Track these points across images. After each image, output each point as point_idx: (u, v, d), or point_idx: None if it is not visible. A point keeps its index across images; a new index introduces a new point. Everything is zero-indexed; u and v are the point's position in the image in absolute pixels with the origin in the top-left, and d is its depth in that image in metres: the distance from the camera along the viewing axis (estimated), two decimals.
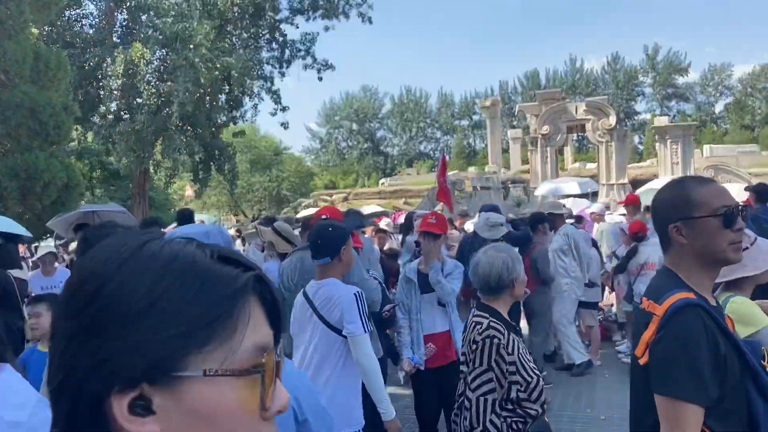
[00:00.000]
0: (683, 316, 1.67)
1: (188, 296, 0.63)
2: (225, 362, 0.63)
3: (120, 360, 0.61)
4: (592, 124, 23.54)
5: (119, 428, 0.62)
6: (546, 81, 57.79)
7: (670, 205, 1.87)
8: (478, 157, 52.95)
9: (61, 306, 0.66)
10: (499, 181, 27.59)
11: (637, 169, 30.22)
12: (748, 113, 53.32)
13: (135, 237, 0.68)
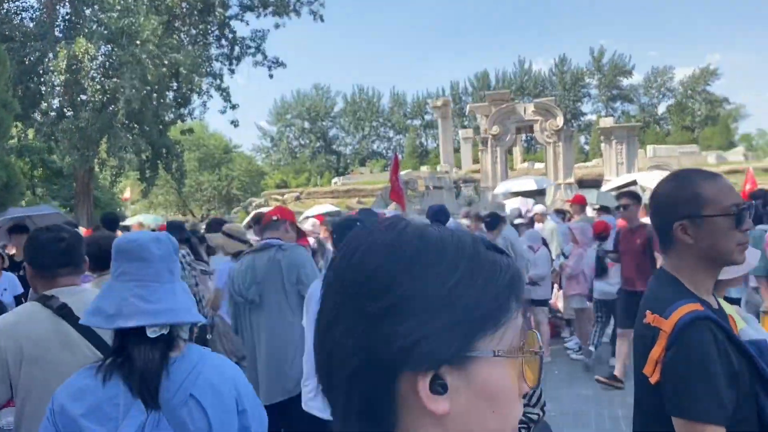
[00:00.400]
0: (693, 332, 1.56)
1: (479, 284, 0.68)
2: (507, 344, 0.69)
3: (427, 344, 0.65)
4: (540, 124, 24.02)
5: (410, 405, 0.67)
6: (495, 82, 58.70)
7: (676, 201, 1.71)
8: (431, 157, 53.38)
9: (345, 298, 0.69)
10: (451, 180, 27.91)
11: (584, 168, 31.03)
12: (688, 115, 55.39)
13: (406, 224, 0.73)
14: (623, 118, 50.18)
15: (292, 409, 3.56)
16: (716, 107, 54.88)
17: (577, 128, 51.97)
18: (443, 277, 0.67)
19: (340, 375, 0.70)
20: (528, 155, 43.50)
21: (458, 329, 0.66)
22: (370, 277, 0.68)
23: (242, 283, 3.76)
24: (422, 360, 0.66)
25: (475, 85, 60.18)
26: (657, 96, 59.02)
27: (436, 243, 0.70)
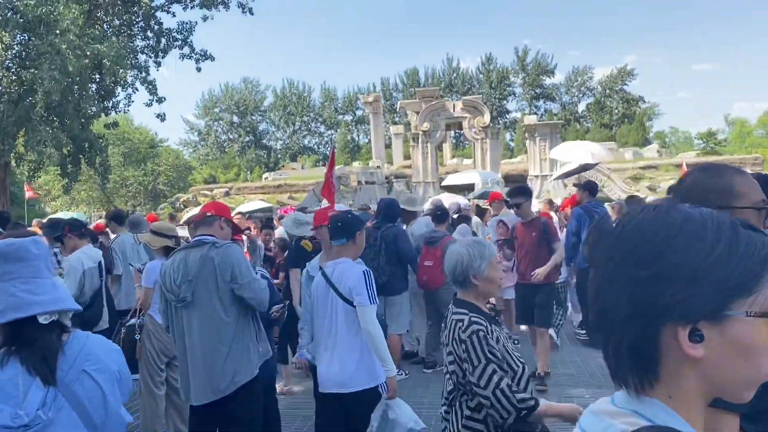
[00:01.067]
0: None
1: (736, 258, 0.84)
2: (759, 307, 0.84)
3: (690, 304, 0.83)
4: (468, 121, 24.64)
5: (671, 350, 0.85)
6: (425, 79, 59.49)
7: (710, 192, 1.75)
8: (362, 152, 53.57)
9: (616, 266, 0.88)
10: (383, 175, 28.17)
11: (509, 164, 31.97)
12: (606, 113, 57.94)
13: (670, 206, 0.90)
14: (546, 116, 52.06)
15: (225, 409, 3.54)
16: (632, 106, 57.68)
17: (503, 125, 53.42)
18: (705, 251, 0.84)
19: (613, 327, 0.88)
20: (457, 151, 44.39)
21: (715, 293, 0.83)
22: (640, 249, 0.86)
23: (173, 281, 3.60)
24: (683, 315, 0.84)
25: (405, 82, 60.80)
26: (577, 95, 61.46)
27: (698, 222, 0.86)
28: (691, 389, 0.87)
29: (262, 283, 3.66)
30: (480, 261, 2.72)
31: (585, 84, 60.66)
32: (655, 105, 61.01)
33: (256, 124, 64.76)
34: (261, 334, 3.74)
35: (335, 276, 3.69)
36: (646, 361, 0.87)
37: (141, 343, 5.07)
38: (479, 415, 2.56)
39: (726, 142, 52.27)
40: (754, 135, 55.09)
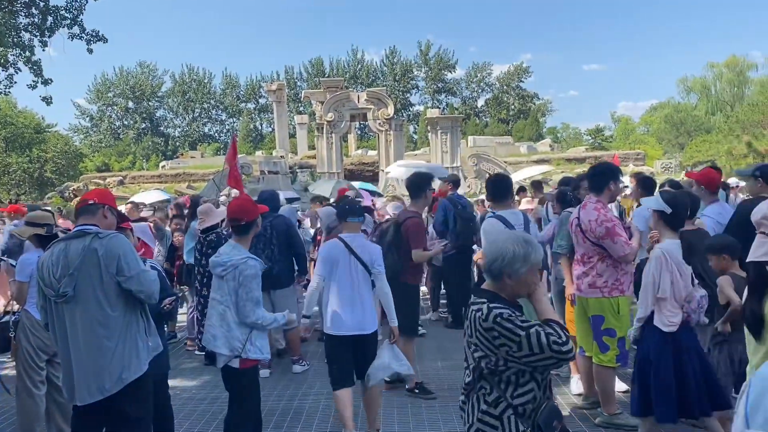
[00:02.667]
0: None
1: None
2: None
3: None
4: (372, 113, 24.85)
5: None
6: (330, 69, 59.30)
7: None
8: (266, 141, 52.68)
9: None
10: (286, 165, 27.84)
11: (413, 156, 32.52)
12: (504, 108, 60.19)
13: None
14: (448, 110, 53.29)
15: (112, 408, 3.39)
16: (528, 102, 60.29)
17: (407, 118, 54.26)
18: None
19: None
20: (362, 142, 44.62)
21: None
22: None
23: (52, 275, 3.34)
24: None
25: (309, 71, 60.31)
26: (477, 90, 63.43)
27: None
28: None
29: (152, 275, 3.48)
30: (522, 264, 2.57)
31: (484, 80, 62.70)
32: (549, 102, 64.10)
33: (153, 110, 62.07)
34: (150, 328, 3.58)
35: (355, 246, 4.64)
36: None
37: (16, 341, 4.73)
38: (495, 410, 2.50)
39: (612, 138, 55.67)
40: (636, 132, 59.10)
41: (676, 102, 58.59)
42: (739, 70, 54.71)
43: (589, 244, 4.75)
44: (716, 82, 56.82)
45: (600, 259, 4.75)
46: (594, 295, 4.77)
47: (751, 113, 33.79)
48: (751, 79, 53.75)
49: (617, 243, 4.62)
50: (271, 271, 5.98)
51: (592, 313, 4.80)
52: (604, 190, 4.84)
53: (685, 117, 54.49)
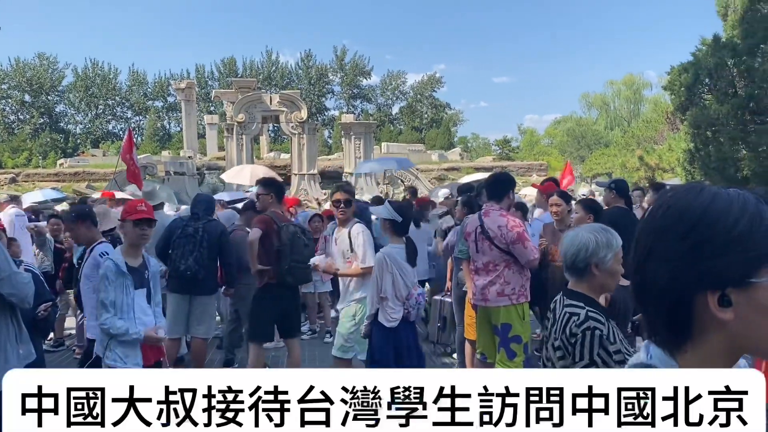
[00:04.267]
0: None
1: (761, 231, 0.92)
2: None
3: (718, 273, 0.92)
4: (285, 115, 24.58)
5: (702, 314, 0.94)
6: (243, 70, 58.20)
7: None
8: (173, 141, 50.94)
9: (657, 237, 0.98)
10: (194, 166, 27.04)
11: (326, 161, 32.48)
12: (417, 117, 61.25)
13: (702, 187, 0.99)
14: (363, 116, 53.65)
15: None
16: (440, 112, 61.65)
17: (321, 122, 54.08)
18: (730, 224, 0.92)
19: (652, 292, 0.99)
20: (274, 145, 44.07)
21: (741, 262, 0.92)
22: (677, 226, 0.96)
23: None
24: (714, 282, 0.93)
25: (221, 71, 58.91)
26: (391, 98, 64.17)
27: (725, 200, 0.95)
28: (718, 348, 0.98)
29: (25, 277, 3.26)
30: (606, 251, 2.52)
31: (398, 88, 63.54)
32: (460, 112, 65.90)
33: (53, 105, 58.56)
34: (22, 334, 3.33)
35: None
36: (681, 323, 0.98)
37: None
38: None
39: (518, 149, 57.90)
40: (541, 144, 61.76)
41: (578, 116, 61.84)
42: (635, 88, 58.41)
43: (497, 252, 4.78)
44: (615, 99, 60.41)
45: (506, 267, 4.80)
46: (503, 303, 4.79)
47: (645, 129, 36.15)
48: (645, 97, 57.46)
49: (528, 248, 4.73)
50: (197, 276, 5.79)
51: (502, 322, 4.81)
52: (504, 199, 4.95)
53: (586, 131, 57.52)
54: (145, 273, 4.09)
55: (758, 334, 0.95)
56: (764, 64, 12.43)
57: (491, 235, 4.77)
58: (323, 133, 54.37)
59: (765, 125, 12.70)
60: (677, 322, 0.98)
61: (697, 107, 14.30)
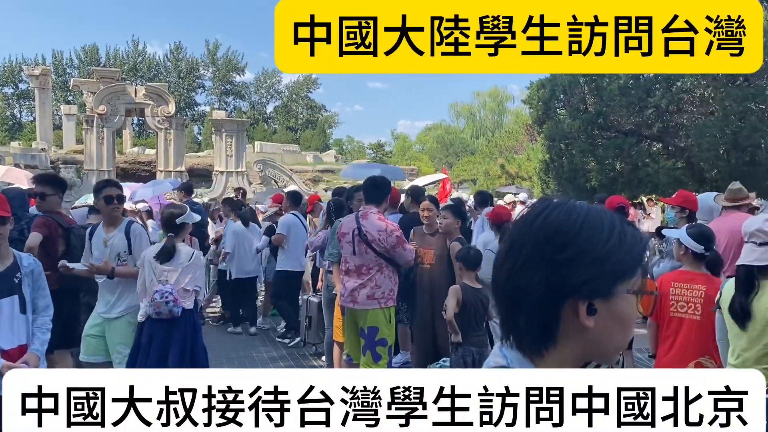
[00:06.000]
0: None
1: (625, 248, 1.04)
2: (634, 286, 1.05)
3: (590, 285, 1.01)
4: (151, 109, 23.42)
5: (569, 321, 1.03)
6: (106, 59, 54.67)
7: None
8: (25, 132, 46.77)
9: (534, 247, 1.04)
10: (48, 159, 25.05)
11: (195, 158, 31.35)
12: (293, 117, 60.79)
13: (574, 202, 1.08)
14: (235, 113, 52.35)
15: None
16: (316, 113, 61.63)
17: (191, 118, 52.10)
18: (603, 241, 1.02)
19: (526, 301, 1.04)
20: (139, 140, 41.85)
21: (609, 276, 1.02)
22: (555, 237, 1.03)
23: None
24: (584, 294, 1.01)
25: (82, 59, 54.91)
26: (266, 96, 63.19)
27: (597, 217, 1.05)
28: (572, 352, 1.06)
29: None
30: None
31: (274, 87, 62.70)
32: (336, 114, 66.25)
33: None
34: None
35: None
36: (550, 329, 1.04)
37: None
38: None
39: (392, 154, 59.21)
40: (413, 149, 63.58)
41: (447, 124, 64.32)
42: (499, 100, 61.70)
43: (372, 255, 4.83)
44: (481, 110, 63.44)
45: (379, 270, 4.86)
46: (372, 306, 4.85)
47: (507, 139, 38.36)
48: (508, 109, 60.87)
49: (407, 250, 4.87)
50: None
51: (369, 325, 4.86)
52: (382, 202, 5.05)
53: (454, 139, 60.02)
54: (15, 277, 3.45)
55: (609, 339, 1.06)
56: (611, 83, 13.63)
57: (369, 238, 4.81)
58: (192, 130, 52.35)
59: (610, 140, 13.94)
60: (546, 328, 1.04)
61: (552, 121, 15.41)
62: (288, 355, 7.37)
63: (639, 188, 13.14)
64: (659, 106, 13.20)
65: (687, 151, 13.61)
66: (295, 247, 7.91)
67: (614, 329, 1.05)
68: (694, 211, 5.18)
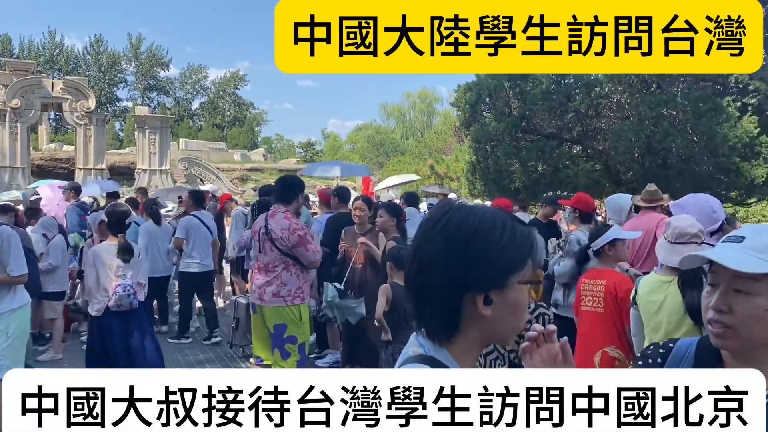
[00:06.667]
0: None
1: (516, 244, 1.17)
2: (526, 277, 1.18)
3: (486, 279, 1.15)
4: (70, 104, 22.41)
5: (469, 311, 1.16)
6: (20, 50, 51.81)
7: None
8: None
9: (438, 247, 1.16)
10: None
11: (117, 155, 30.24)
12: (219, 114, 59.49)
13: (473, 206, 1.23)
14: (159, 109, 50.74)
15: None
16: (243, 110, 60.54)
17: (112, 113, 50.15)
18: (496, 240, 1.15)
19: (432, 296, 1.16)
20: (57, 136, 39.91)
21: (502, 270, 1.15)
22: (455, 237, 1.15)
23: None
24: (481, 287, 1.14)
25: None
26: (192, 92, 61.52)
27: (491, 218, 1.18)
28: (475, 338, 1.19)
29: None
30: (542, 253, 3.13)
31: (199, 83, 61.15)
32: (264, 112, 65.20)
33: None
34: None
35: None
36: (454, 320, 1.17)
37: None
38: None
39: (322, 153, 58.99)
40: (344, 149, 63.56)
41: (378, 125, 64.65)
42: (428, 101, 62.55)
43: (277, 253, 4.87)
44: (411, 111, 64.11)
45: (285, 269, 4.89)
46: (278, 303, 4.87)
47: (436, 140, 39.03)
48: (437, 111, 61.83)
49: (309, 250, 4.88)
50: None
51: (276, 322, 4.88)
52: (293, 202, 5.04)
53: (385, 139, 60.37)
54: None
55: (504, 325, 1.20)
56: (534, 88, 14.13)
57: (273, 236, 4.85)
58: (114, 126, 50.40)
59: (533, 143, 14.45)
60: (451, 319, 1.17)
61: (478, 123, 15.81)
62: (216, 358, 7.25)
63: (560, 189, 13.66)
64: (579, 111, 13.79)
65: (605, 154, 14.29)
66: (196, 249, 7.88)
67: (509, 316, 1.19)
68: (586, 212, 5.71)
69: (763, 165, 12.69)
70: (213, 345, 7.77)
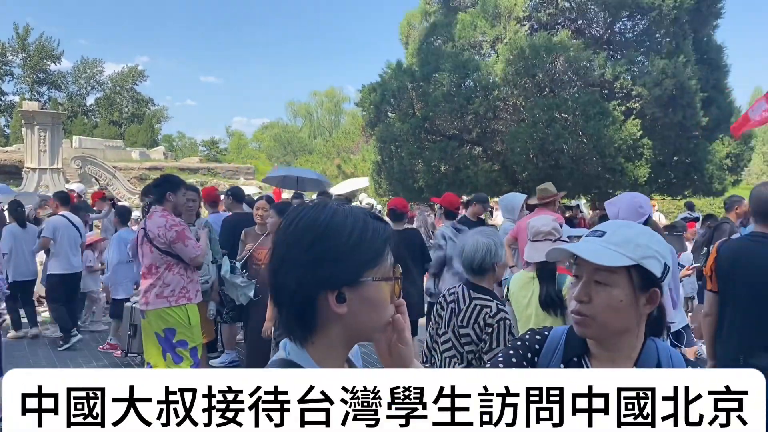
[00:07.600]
0: None
1: (367, 241, 1.17)
2: (382, 274, 1.18)
3: (336, 276, 1.14)
4: None
5: (324, 310, 1.15)
6: None
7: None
8: None
9: (288, 247, 1.17)
10: None
11: (3, 153, 28.28)
12: (116, 110, 56.70)
13: (325, 204, 1.21)
14: (50, 104, 47.75)
15: None
16: (142, 107, 58.00)
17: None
18: (346, 237, 1.14)
19: (285, 295, 1.16)
20: None
21: (353, 267, 1.15)
22: (304, 237, 1.15)
23: None
24: (332, 284, 1.14)
25: None
26: (86, 87, 58.17)
27: (342, 215, 1.17)
28: (336, 337, 1.18)
29: None
30: (501, 249, 3.02)
31: (95, 77, 57.92)
32: (165, 108, 62.56)
33: None
34: None
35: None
36: (308, 319, 1.16)
37: None
38: None
39: (227, 151, 57.62)
40: (249, 147, 62.43)
41: (285, 123, 64.00)
42: (336, 101, 62.61)
43: (157, 254, 4.78)
44: (318, 109, 63.94)
45: (167, 268, 4.80)
46: (162, 305, 4.76)
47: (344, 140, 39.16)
48: (345, 110, 61.98)
49: (188, 246, 4.79)
50: None
51: (165, 327, 4.78)
52: (164, 201, 4.93)
53: (292, 138, 59.85)
54: None
55: (365, 322, 1.18)
56: (436, 90, 14.48)
57: (151, 236, 4.77)
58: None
59: (436, 143, 14.82)
60: (305, 318, 1.17)
61: (383, 124, 16.04)
62: (111, 365, 7.00)
63: (462, 189, 14.08)
64: (478, 113, 14.27)
65: (502, 155, 14.88)
66: (63, 249, 7.75)
67: (368, 312, 1.17)
68: (450, 210, 6.62)
69: (645, 165, 13.63)
70: (106, 353, 7.50)
